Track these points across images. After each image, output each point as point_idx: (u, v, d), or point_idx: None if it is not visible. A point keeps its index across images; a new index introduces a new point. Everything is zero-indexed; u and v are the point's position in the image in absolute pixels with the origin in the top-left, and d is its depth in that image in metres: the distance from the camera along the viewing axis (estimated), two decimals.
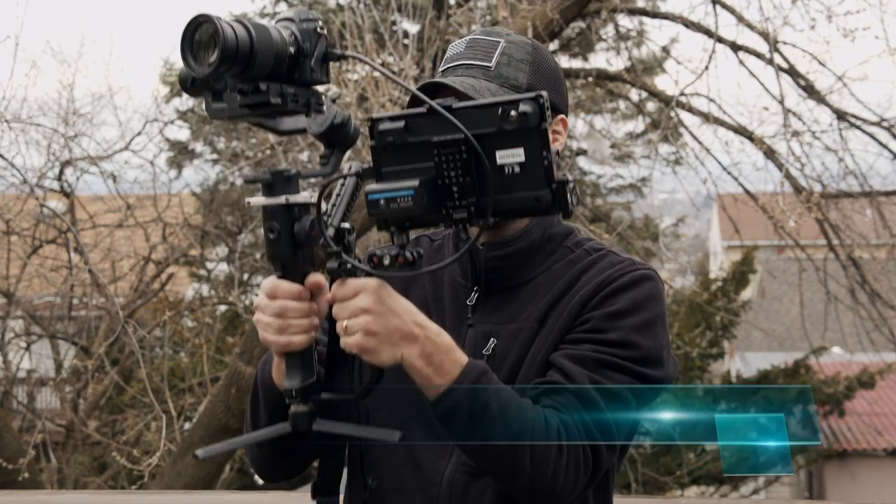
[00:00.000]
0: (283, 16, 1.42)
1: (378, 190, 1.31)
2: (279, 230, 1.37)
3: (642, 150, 11.22)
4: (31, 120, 7.52)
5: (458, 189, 1.30)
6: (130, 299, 8.08)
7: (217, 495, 4.99)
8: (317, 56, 1.39)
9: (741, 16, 6.57)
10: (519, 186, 1.29)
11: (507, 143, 1.29)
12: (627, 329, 1.52)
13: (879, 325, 7.48)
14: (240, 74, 1.34)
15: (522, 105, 1.28)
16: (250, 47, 1.32)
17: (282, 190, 1.38)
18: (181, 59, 1.33)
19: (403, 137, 1.34)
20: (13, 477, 5.65)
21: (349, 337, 1.35)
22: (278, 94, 1.36)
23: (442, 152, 1.30)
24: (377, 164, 1.36)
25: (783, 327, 15.14)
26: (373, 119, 1.37)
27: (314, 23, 1.40)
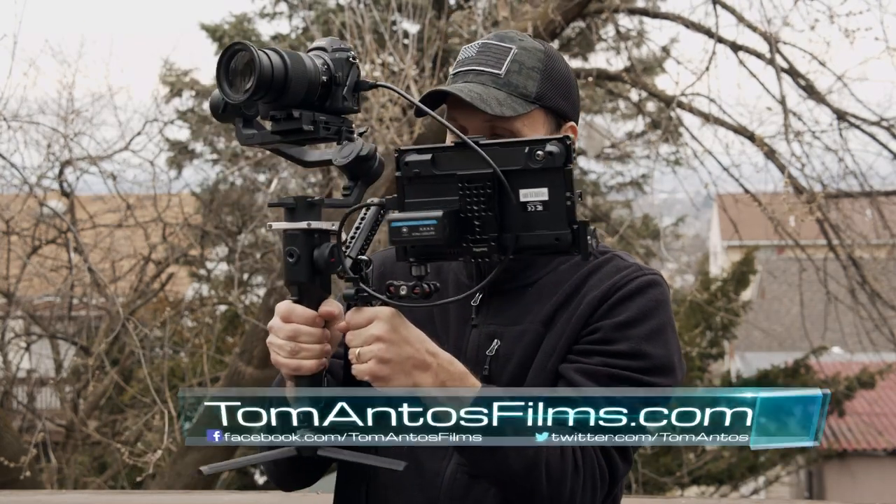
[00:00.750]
0: (315, 45, 1.45)
1: (401, 218, 1.33)
2: (299, 255, 1.39)
3: (642, 150, 11.23)
4: (31, 119, 7.53)
5: (481, 223, 1.32)
6: (130, 299, 8.08)
7: (217, 495, 4.99)
8: (349, 85, 1.43)
9: (741, 16, 6.57)
10: (540, 225, 1.31)
11: (532, 182, 1.31)
12: (637, 339, 1.53)
13: (879, 325, 7.48)
14: (273, 101, 1.37)
15: (549, 145, 1.30)
16: (285, 75, 1.35)
17: (304, 216, 1.40)
18: (217, 85, 1.37)
19: (429, 170, 1.35)
20: (13, 477, 5.65)
21: (362, 364, 1.36)
22: (311, 121, 1.40)
23: (467, 186, 1.32)
24: (402, 195, 1.37)
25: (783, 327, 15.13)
26: (400, 150, 1.38)
27: (346, 52, 1.44)
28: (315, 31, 7.92)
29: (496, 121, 1.58)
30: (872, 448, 13.72)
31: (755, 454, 10.73)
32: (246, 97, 1.34)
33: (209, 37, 12.19)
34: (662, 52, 10.04)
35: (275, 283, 6.34)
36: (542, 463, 1.43)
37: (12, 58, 6.90)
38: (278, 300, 6.46)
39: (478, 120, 1.59)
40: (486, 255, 1.33)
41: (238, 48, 1.36)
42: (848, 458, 13.76)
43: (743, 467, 11.14)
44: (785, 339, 14.97)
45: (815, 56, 6.62)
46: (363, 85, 1.46)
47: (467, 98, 1.55)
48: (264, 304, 6.43)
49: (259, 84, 1.32)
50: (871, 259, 7.61)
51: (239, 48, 1.35)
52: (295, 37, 11.40)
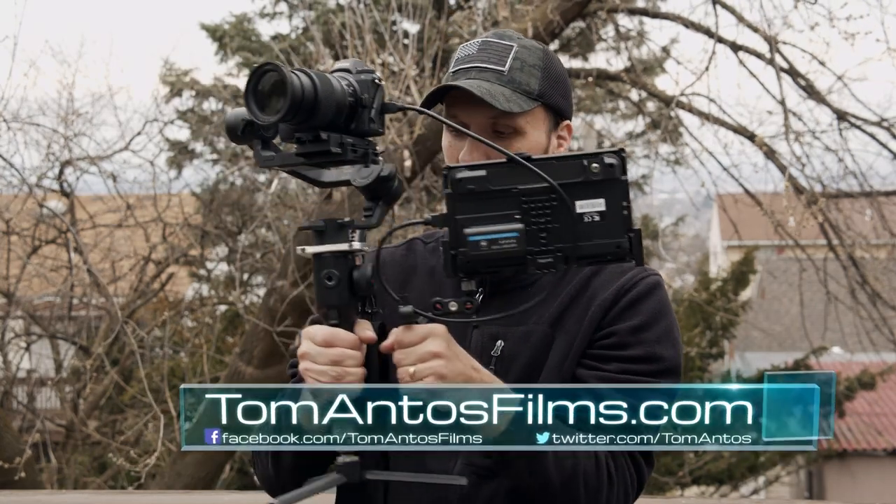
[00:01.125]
0: (339, 66, 1.44)
1: (479, 232, 1.34)
2: (339, 277, 1.39)
3: (642, 150, 11.23)
4: (31, 120, 7.53)
5: (546, 234, 1.35)
6: (130, 299, 8.08)
7: (217, 495, 4.99)
8: (375, 107, 1.43)
9: (741, 16, 6.57)
10: (598, 234, 1.34)
11: (589, 193, 1.34)
12: (650, 343, 1.56)
13: (879, 326, 7.48)
14: (301, 123, 1.36)
15: (607, 158, 1.34)
16: (314, 96, 1.34)
17: (336, 238, 1.40)
18: (245, 106, 1.35)
19: (485, 186, 1.36)
20: (13, 477, 5.65)
21: (418, 382, 1.37)
22: (338, 143, 1.39)
23: (530, 200, 1.35)
24: (452, 211, 1.37)
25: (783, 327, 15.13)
26: (449, 168, 1.38)
27: (372, 74, 1.44)
28: (315, 31, 7.91)
29: (500, 117, 1.59)
30: (872, 448, 13.72)
31: (755, 454, 10.73)
32: (277, 118, 1.32)
33: (209, 37, 12.19)
34: (662, 52, 10.04)
35: (275, 283, 6.34)
36: (581, 475, 1.46)
37: (12, 58, 6.91)
38: (278, 300, 6.43)
39: (481, 116, 1.59)
40: (552, 266, 1.35)
41: (268, 68, 1.34)
42: (848, 458, 13.76)
43: (743, 467, 11.14)
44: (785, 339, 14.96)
45: (816, 56, 6.63)
46: (390, 108, 1.46)
47: (477, 93, 1.55)
48: (264, 304, 6.43)
49: (291, 105, 1.31)
50: (871, 259, 7.61)
51: (269, 68, 1.34)
52: (295, 37, 11.40)
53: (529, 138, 1.63)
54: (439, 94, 1.62)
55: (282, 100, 1.32)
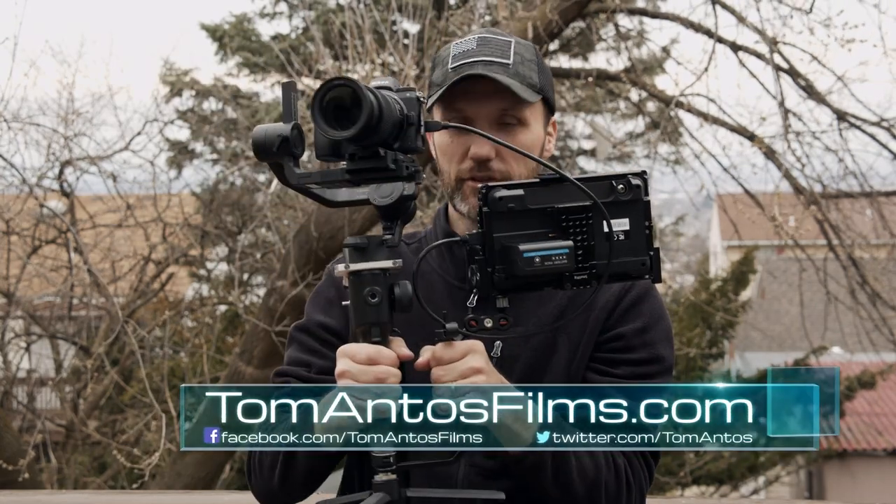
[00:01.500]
0: (379, 83, 1.43)
1: (533, 249, 1.37)
2: (381, 294, 1.40)
3: (642, 150, 11.23)
4: (31, 120, 7.52)
5: (583, 252, 1.39)
6: (130, 299, 8.07)
7: (217, 495, 4.99)
8: (420, 125, 1.44)
9: (741, 16, 6.56)
10: (624, 252, 1.40)
11: (615, 213, 1.40)
12: (653, 344, 1.61)
13: (879, 326, 7.48)
14: (365, 139, 1.35)
15: (633, 179, 1.40)
16: (380, 114, 1.34)
17: (376, 255, 1.41)
18: (315, 123, 1.34)
19: (524, 204, 1.40)
20: (13, 477, 5.65)
21: None
22: (393, 160, 1.40)
23: (570, 218, 1.39)
24: (489, 229, 1.40)
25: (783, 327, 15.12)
26: (488, 186, 1.41)
27: (414, 92, 1.44)
28: (315, 31, 7.91)
29: (508, 108, 1.61)
30: (872, 448, 13.71)
31: (755, 454, 10.73)
32: (352, 134, 1.32)
33: (209, 37, 12.19)
34: (662, 52, 10.04)
35: (275, 283, 6.34)
36: (602, 484, 1.50)
37: (13, 58, 6.90)
38: (278, 300, 6.43)
39: (489, 108, 1.61)
40: (586, 282, 1.40)
41: (338, 83, 1.33)
42: (848, 458, 13.76)
43: (743, 467, 11.13)
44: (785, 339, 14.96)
45: (815, 57, 6.62)
46: (432, 126, 1.48)
47: (504, 81, 1.57)
48: (264, 304, 6.43)
49: (367, 123, 1.31)
50: (871, 259, 7.61)
51: (339, 83, 1.33)
52: (295, 37, 11.40)
53: (532, 130, 1.65)
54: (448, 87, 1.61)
55: (350, 119, 1.31)
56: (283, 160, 1.41)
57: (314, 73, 7.28)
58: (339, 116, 1.33)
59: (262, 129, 1.41)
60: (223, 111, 11.43)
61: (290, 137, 1.38)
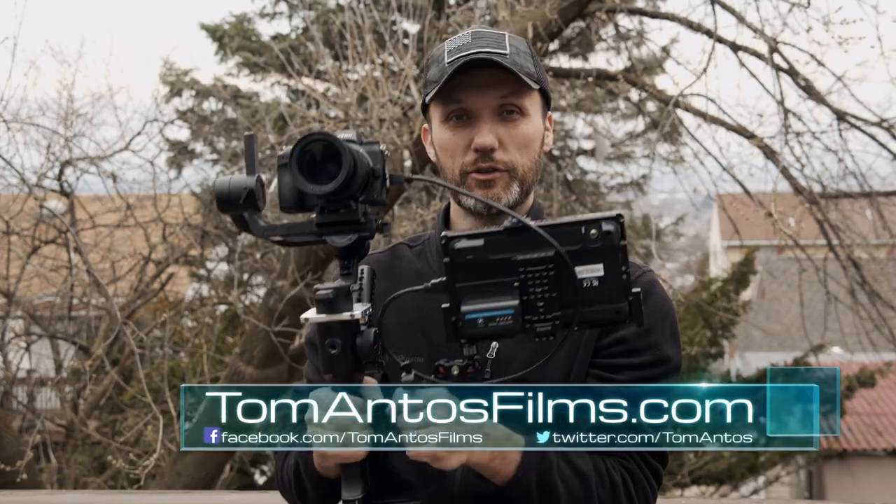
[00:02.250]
0: (344, 136, 1.44)
1: (476, 310, 1.34)
2: (342, 345, 1.39)
3: (642, 150, 11.22)
4: (31, 120, 7.52)
5: (544, 304, 1.35)
6: (130, 299, 8.07)
7: (217, 495, 4.99)
8: (385, 177, 1.45)
9: (741, 16, 6.57)
10: (598, 299, 1.35)
11: (588, 259, 1.34)
12: (658, 345, 1.59)
13: (879, 326, 7.48)
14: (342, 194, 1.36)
15: (605, 224, 1.34)
16: (355, 167, 1.35)
17: (343, 306, 1.40)
18: (293, 178, 1.35)
19: (484, 255, 1.36)
20: (13, 477, 5.65)
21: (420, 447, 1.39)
22: (363, 213, 1.41)
23: (528, 269, 1.34)
24: (452, 280, 1.38)
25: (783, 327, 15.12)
26: (447, 237, 1.39)
27: (378, 145, 1.46)
28: (315, 31, 7.91)
29: (509, 97, 1.61)
30: (872, 448, 13.72)
31: (755, 454, 10.73)
32: (332, 188, 1.33)
33: (209, 37, 12.19)
34: (662, 52, 10.04)
35: (275, 283, 6.34)
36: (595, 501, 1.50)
37: (13, 58, 6.91)
38: (278, 300, 6.43)
39: (490, 98, 1.61)
40: (550, 333, 1.36)
41: (316, 138, 1.34)
42: (848, 458, 13.76)
43: (743, 467, 11.13)
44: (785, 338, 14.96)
45: (815, 56, 6.63)
46: (396, 179, 1.49)
47: (509, 64, 1.57)
48: (264, 304, 6.43)
49: (346, 178, 1.32)
50: (871, 259, 7.61)
51: (317, 138, 1.34)
52: (295, 37, 11.40)
53: (533, 120, 1.65)
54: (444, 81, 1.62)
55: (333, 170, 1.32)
56: (247, 213, 1.43)
57: (314, 73, 7.28)
58: (313, 170, 1.34)
59: (226, 182, 1.41)
60: (223, 111, 11.44)
61: (254, 190, 1.40)
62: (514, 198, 1.63)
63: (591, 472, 1.51)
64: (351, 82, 6.53)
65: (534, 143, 1.65)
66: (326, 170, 1.33)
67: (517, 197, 1.64)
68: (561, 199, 7.25)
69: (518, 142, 1.63)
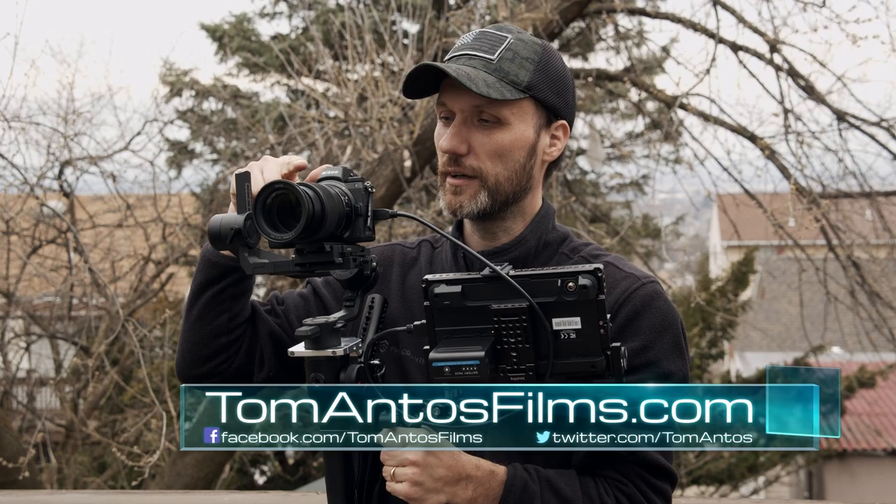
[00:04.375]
0: (328, 174, 1.49)
1: (443, 358, 1.36)
2: (324, 380, 1.44)
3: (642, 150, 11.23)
4: (31, 119, 7.51)
5: (517, 354, 1.35)
6: (130, 299, 8.07)
7: (217, 495, 4.98)
8: (368, 215, 1.48)
9: (741, 16, 6.57)
10: (574, 352, 1.35)
11: (565, 312, 1.34)
12: (657, 362, 1.56)
13: (879, 326, 7.48)
14: (307, 237, 1.40)
15: (582, 278, 1.34)
16: (322, 212, 1.38)
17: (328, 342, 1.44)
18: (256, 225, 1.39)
19: (461, 302, 1.38)
20: (13, 477, 5.65)
21: (396, 484, 1.42)
22: (339, 254, 1.44)
23: (502, 319, 1.35)
24: (431, 323, 1.40)
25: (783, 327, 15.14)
26: (428, 281, 1.40)
27: (362, 182, 1.49)
28: (315, 31, 7.91)
29: (486, 105, 1.58)
30: (872, 448, 13.71)
31: (755, 454, 10.73)
32: (292, 237, 1.36)
33: (209, 37, 12.20)
34: (662, 52, 10.04)
35: (274, 283, 6.34)
36: None
37: (13, 58, 6.89)
38: None
39: (466, 102, 1.59)
40: (523, 382, 1.36)
41: (278, 188, 1.38)
42: (848, 458, 13.76)
43: (743, 467, 11.14)
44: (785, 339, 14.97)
45: (815, 57, 6.63)
46: (381, 214, 1.51)
47: (454, 74, 1.54)
48: None
49: (306, 225, 1.35)
50: (871, 259, 7.61)
51: (279, 188, 1.38)
52: (295, 37, 11.40)
53: (514, 130, 1.61)
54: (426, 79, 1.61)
55: (295, 218, 1.36)
56: (237, 250, 1.47)
57: (314, 73, 7.29)
58: (284, 216, 1.38)
59: (218, 221, 1.46)
60: (223, 111, 11.44)
61: (242, 230, 1.43)
62: (480, 207, 1.61)
63: (579, 498, 1.50)
64: (351, 82, 6.53)
65: (511, 152, 1.61)
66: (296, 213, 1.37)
67: (484, 207, 1.61)
68: (561, 200, 7.24)
69: (489, 150, 1.60)
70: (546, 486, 1.49)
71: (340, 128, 6.44)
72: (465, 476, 1.44)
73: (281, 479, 9.45)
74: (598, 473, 1.54)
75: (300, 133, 6.79)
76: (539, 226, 1.66)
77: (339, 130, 6.39)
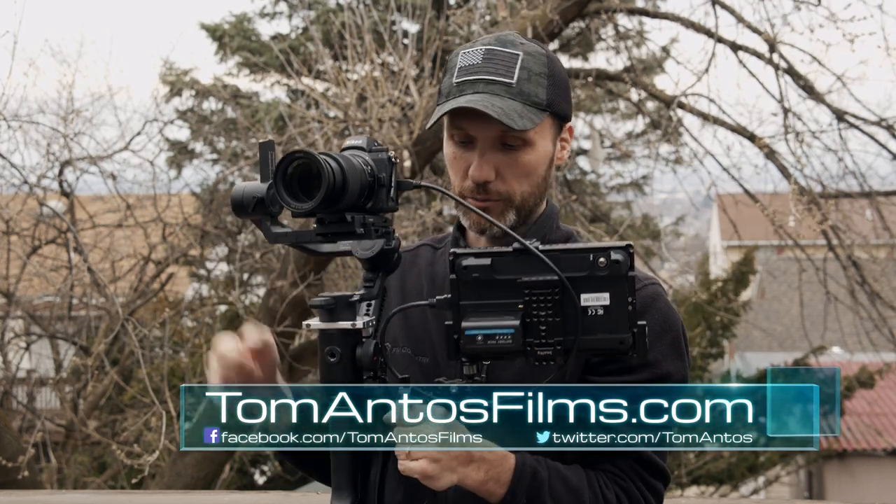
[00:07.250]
0: (352, 143, 1.47)
1: (476, 326, 1.35)
2: (340, 354, 1.41)
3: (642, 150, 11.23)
4: (31, 119, 7.51)
5: (546, 328, 1.34)
6: (130, 299, 8.07)
7: (217, 495, 4.98)
8: (392, 185, 1.46)
9: (741, 16, 6.57)
10: (601, 328, 1.34)
11: (594, 287, 1.34)
12: (656, 363, 1.56)
13: (879, 326, 7.48)
14: (328, 207, 1.38)
15: (614, 253, 1.33)
16: (343, 181, 1.37)
17: (344, 314, 1.42)
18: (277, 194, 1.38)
19: (490, 275, 1.37)
20: (13, 477, 5.65)
21: (412, 462, 1.39)
22: (361, 224, 1.42)
23: (533, 292, 1.34)
24: (456, 297, 1.38)
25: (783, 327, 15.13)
26: (455, 254, 1.39)
27: (386, 152, 1.47)
28: (315, 31, 7.91)
29: (509, 131, 1.57)
30: (872, 448, 13.72)
31: (755, 454, 10.73)
32: (312, 206, 1.35)
33: (209, 37, 12.20)
34: (662, 52, 10.04)
35: (275, 283, 6.34)
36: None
37: (12, 57, 6.89)
38: (278, 300, 6.44)
39: (490, 130, 1.58)
40: (551, 358, 1.35)
41: (298, 157, 1.37)
42: (848, 458, 13.76)
43: (743, 467, 11.14)
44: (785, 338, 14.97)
45: (815, 56, 6.63)
46: (405, 185, 1.49)
47: (493, 113, 1.53)
48: (264, 304, 6.43)
49: (326, 194, 1.34)
50: (871, 259, 7.61)
51: (299, 157, 1.37)
52: (295, 37, 11.41)
53: (538, 148, 1.62)
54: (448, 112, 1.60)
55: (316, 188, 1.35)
56: (260, 218, 1.46)
57: (314, 73, 7.29)
58: (305, 185, 1.37)
59: (241, 189, 1.45)
60: (223, 111, 11.44)
61: (265, 198, 1.42)
62: (508, 224, 1.62)
63: (585, 489, 1.50)
64: (350, 82, 6.53)
65: (537, 169, 1.63)
66: (316, 183, 1.36)
67: (512, 224, 1.62)
68: (560, 199, 7.24)
69: (517, 172, 1.61)
70: (555, 474, 1.50)
71: (340, 128, 6.44)
72: (477, 457, 1.43)
73: (281, 479, 9.45)
74: (596, 467, 1.55)
75: (300, 133, 6.80)
76: (542, 225, 1.66)
77: (338, 130, 6.39)
